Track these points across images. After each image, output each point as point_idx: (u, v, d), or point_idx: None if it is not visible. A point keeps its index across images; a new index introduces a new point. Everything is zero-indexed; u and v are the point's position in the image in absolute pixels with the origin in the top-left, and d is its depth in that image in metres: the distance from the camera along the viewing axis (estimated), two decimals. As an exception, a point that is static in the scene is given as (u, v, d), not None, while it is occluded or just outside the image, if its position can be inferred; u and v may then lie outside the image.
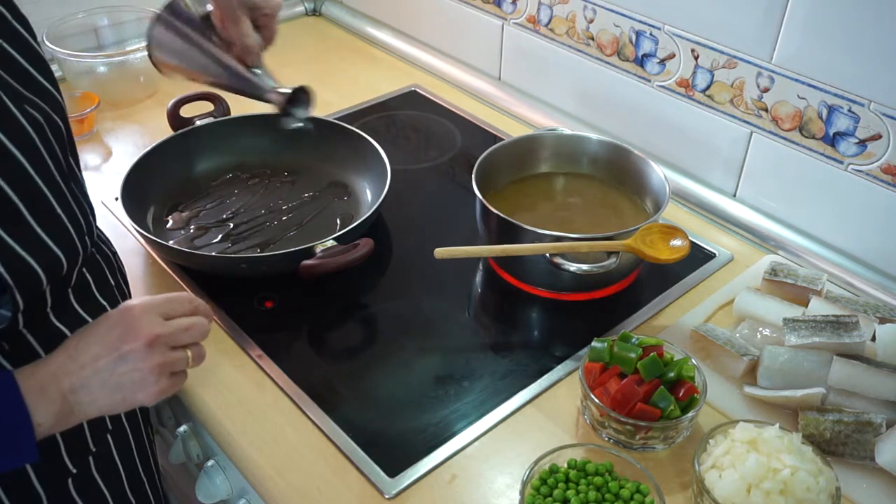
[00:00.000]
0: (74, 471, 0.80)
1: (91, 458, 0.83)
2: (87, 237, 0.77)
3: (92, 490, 0.83)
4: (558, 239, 0.96)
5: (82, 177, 0.81)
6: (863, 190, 1.03)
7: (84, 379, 0.68)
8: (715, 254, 1.13)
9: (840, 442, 0.83)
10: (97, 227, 0.85)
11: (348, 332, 1.02)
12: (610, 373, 0.85)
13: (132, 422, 0.90)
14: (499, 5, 1.42)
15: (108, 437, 0.85)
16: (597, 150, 1.16)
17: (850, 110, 1.01)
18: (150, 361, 0.70)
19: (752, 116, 1.12)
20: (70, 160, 0.78)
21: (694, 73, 1.16)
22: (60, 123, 0.75)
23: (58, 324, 0.77)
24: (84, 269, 0.81)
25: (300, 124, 1.02)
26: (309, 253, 1.00)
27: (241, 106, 1.17)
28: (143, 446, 0.93)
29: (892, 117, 0.97)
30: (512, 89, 1.46)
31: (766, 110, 1.10)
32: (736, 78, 1.12)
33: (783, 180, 1.12)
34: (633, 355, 0.84)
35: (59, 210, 0.72)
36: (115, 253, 0.91)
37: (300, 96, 1.01)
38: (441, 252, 0.97)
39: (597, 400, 0.84)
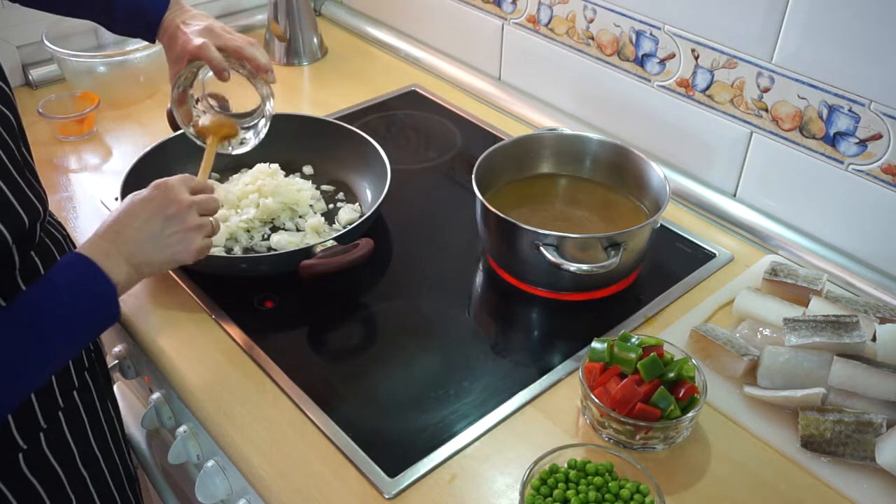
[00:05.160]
0: (45, 425, 0.86)
1: (61, 413, 0.87)
2: (37, 224, 0.80)
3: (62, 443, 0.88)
4: (559, 239, 0.97)
5: (34, 166, 0.85)
6: (863, 190, 1.03)
7: (139, 242, 0.81)
8: (715, 254, 1.13)
9: (840, 442, 0.83)
10: (49, 213, 0.89)
11: (348, 332, 1.02)
12: (610, 373, 0.85)
13: (96, 383, 0.94)
14: (499, 5, 1.42)
15: (75, 393, 0.90)
16: (597, 150, 1.16)
17: (850, 110, 1.01)
18: (190, 222, 0.85)
19: (753, 116, 1.12)
20: (23, 150, 0.82)
21: (694, 72, 1.16)
22: (11, 116, 0.79)
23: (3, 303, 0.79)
24: (33, 254, 0.84)
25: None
26: (309, 253, 1.00)
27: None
28: (108, 409, 0.97)
29: (892, 117, 0.97)
30: (512, 89, 1.46)
31: (767, 110, 1.10)
32: (736, 78, 1.11)
33: (783, 180, 1.12)
34: (633, 355, 0.84)
35: (11, 198, 0.75)
36: (66, 236, 0.93)
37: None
38: None
39: (597, 400, 0.84)
